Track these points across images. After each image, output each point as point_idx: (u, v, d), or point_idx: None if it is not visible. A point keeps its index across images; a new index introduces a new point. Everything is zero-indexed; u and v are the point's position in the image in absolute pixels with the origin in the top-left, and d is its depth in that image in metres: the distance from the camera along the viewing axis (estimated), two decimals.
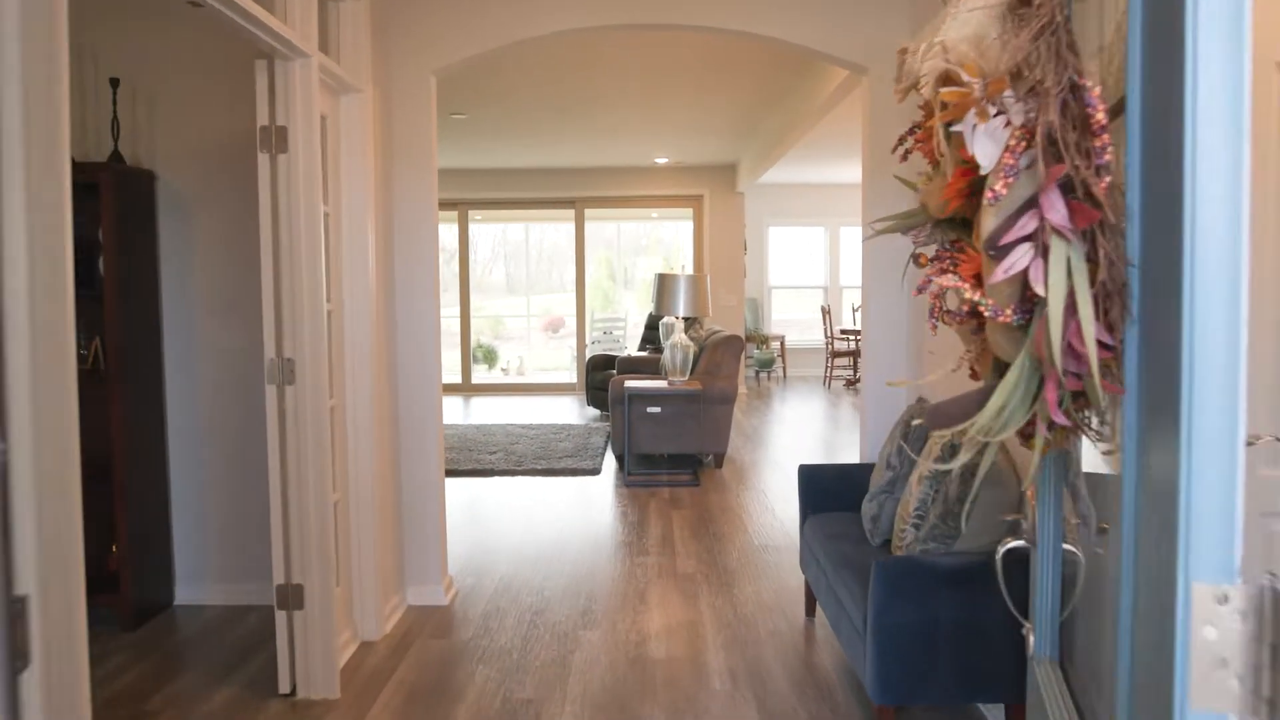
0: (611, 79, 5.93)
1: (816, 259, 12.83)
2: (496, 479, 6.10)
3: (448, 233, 15.22)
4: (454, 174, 10.58)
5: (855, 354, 11.14)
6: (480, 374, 13.98)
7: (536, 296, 16.32)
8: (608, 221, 14.63)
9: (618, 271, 15.98)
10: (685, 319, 6.20)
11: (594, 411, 9.25)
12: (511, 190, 10.63)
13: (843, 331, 11.16)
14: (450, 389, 11.13)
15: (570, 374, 11.88)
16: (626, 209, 10.94)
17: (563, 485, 5.87)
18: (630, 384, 5.94)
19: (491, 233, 15.54)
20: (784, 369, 12.12)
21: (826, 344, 11.32)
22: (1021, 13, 1.05)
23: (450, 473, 6.20)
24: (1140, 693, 0.91)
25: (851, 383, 11.16)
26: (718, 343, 6.34)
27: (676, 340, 5.79)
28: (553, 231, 15.63)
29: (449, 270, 16.67)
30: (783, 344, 12.08)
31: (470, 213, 11.12)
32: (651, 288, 9.92)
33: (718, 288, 10.29)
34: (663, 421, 6.12)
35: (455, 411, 9.38)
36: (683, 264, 15.38)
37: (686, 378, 5.87)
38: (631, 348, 12.22)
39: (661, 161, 10.00)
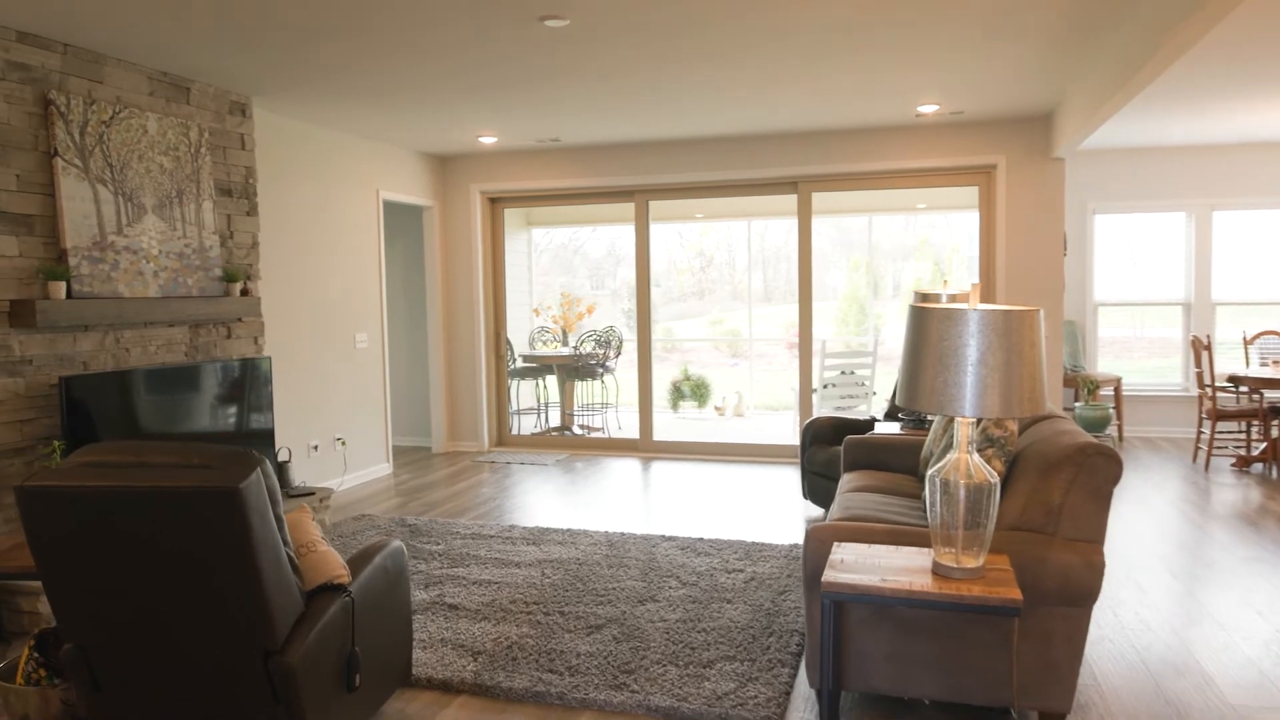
0: None
1: (1173, 262, 8.51)
2: None
3: (625, 233, 12.37)
4: (620, 150, 7.60)
5: (1254, 416, 6.85)
6: (686, 417, 10.94)
7: (789, 306, 13.19)
8: (854, 215, 11.12)
9: (881, 280, 12.44)
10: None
11: (814, 511, 5.86)
12: (703, 170, 7.47)
13: (1231, 379, 6.91)
14: (621, 448, 8.16)
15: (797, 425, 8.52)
16: (874, 188, 7.40)
17: None
18: (841, 562, 2.57)
19: (748, 231, 12.42)
20: (1119, 429, 7.98)
21: (1204, 395, 7.08)
22: None
23: (477, 692, 3.15)
24: None
25: (1247, 461, 6.89)
26: (1057, 459, 2.78)
27: (954, 473, 2.34)
28: (819, 226, 12.36)
29: (687, 281, 13.89)
30: (1118, 390, 7.96)
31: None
32: (904, 329, 6.36)
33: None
34: (919, 631, 2.71)
35: (612, 494, 6.36)
36: (949, 275, 11.51)
37: (979, 559, 2.39)
38: (883, 390, 8.63)
39: (927, 111, 6.40)
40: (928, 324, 2.33)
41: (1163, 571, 4.43)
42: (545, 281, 12.76)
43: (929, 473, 2.41)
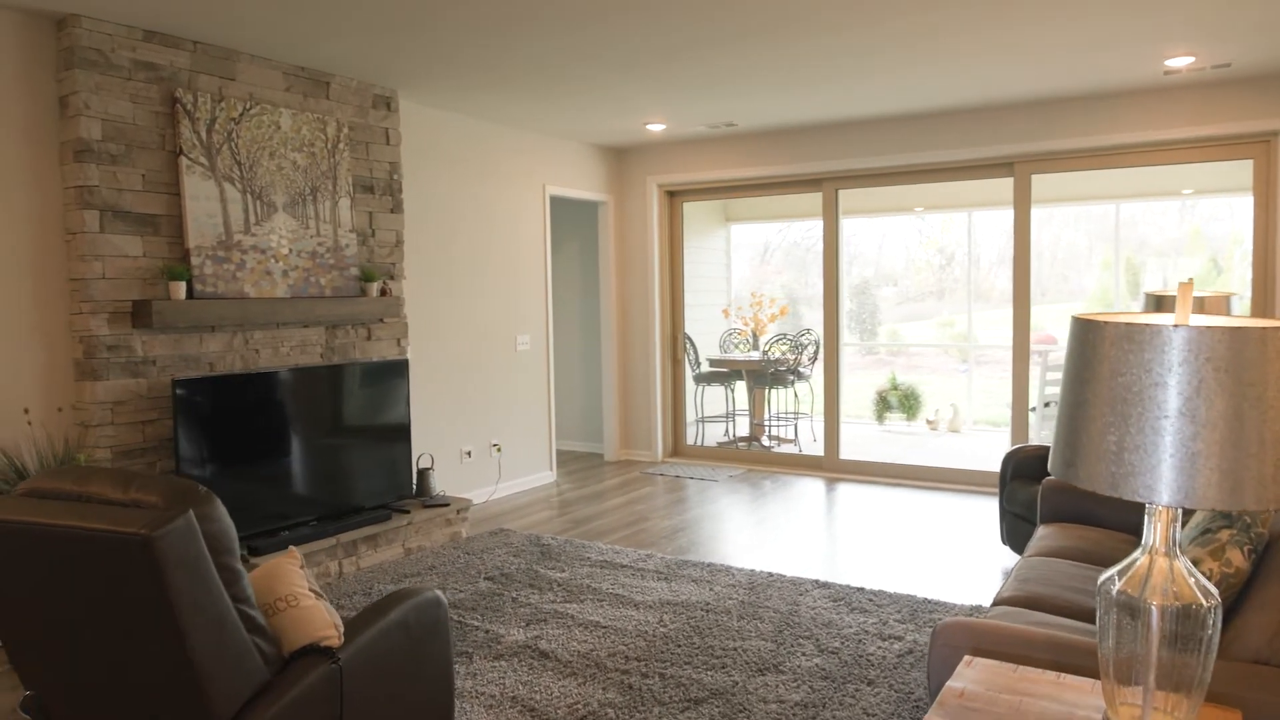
0: None
1: None
2: None
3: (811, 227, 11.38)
4: (802, 133, 6.80)
5: None
6: (892, 430, 9.87)
7: (1037, 308, 11.72)
8: (1097, 202, 9.59)
9: (1143, 278, 10.73)
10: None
11: (1009, 559, 4.83)
12: (898, 152, 6.50)
13: None
14: (804, 465, 7.35)
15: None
16: (1109, 167, 6.10)
17: None
18: (962, 695, 1.77)
19: (968, 223, 11.10)
20: None
21: None
22: None
23: None
24: None
25: None
26: None
27: (1142, 585, 1.48)
28: (1072, 217, 10.87)
29: (926, 279, 12.70)
30: None
31: (843, 194, 7.23)
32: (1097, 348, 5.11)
33: None
34: None
35: (775, 521, 5.62)
36: (1229, 271, 9.66)
37: (1189, 717, 1.52)
38: None
39: (1178, 65, 5.12)
40: (1096, 346, 1.48)
41: None
42: (775, 281, 12.20)
43: (1100, 579, 1.56)
